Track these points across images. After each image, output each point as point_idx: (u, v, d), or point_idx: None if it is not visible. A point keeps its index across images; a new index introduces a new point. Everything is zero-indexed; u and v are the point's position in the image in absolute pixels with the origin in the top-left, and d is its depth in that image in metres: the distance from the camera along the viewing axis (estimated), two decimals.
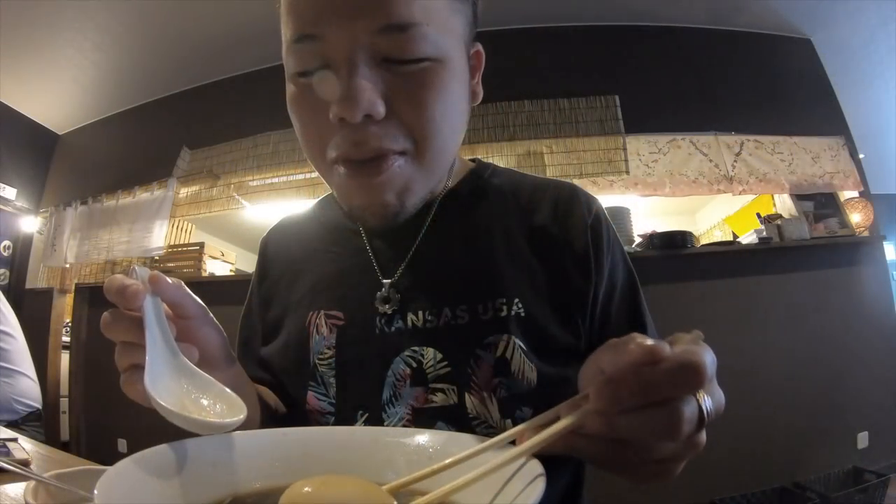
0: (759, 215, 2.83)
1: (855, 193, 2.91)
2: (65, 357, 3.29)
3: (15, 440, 0.86)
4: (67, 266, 3.45)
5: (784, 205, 2.94)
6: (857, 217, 2.80)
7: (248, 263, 3.49)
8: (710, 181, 2.82)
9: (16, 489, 0.65)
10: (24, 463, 0.73)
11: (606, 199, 2.61)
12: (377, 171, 0.46)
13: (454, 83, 0.48)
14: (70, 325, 3.32)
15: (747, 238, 2.71)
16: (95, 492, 0.24)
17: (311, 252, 0.64)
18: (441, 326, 0.54)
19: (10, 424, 1.54)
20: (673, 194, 2.81)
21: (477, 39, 0.54)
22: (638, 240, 2.62)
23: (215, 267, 3.00)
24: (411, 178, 0.48)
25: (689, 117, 2.94)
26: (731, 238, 2.99)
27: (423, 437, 0.38)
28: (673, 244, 2.48)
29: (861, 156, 3.01)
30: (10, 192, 3.61)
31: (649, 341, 0.27)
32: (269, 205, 3.07)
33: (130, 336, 0.37)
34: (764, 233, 2.61)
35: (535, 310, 0.53)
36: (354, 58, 0.43)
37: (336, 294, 0.59)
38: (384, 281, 0.57)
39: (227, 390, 0.37)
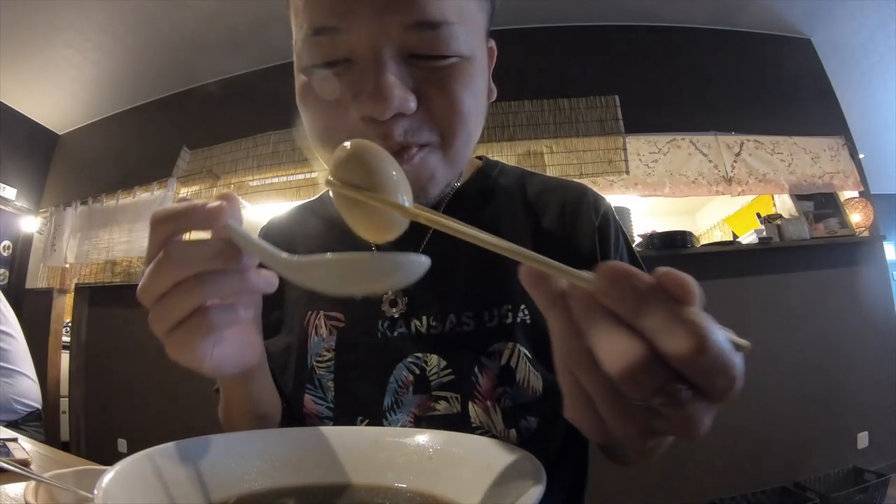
0: (758, 215, 2.83)
1: (855, 193, 2.91)
2: (65, 357, 3.29)
3: (15, 440, 0.86)
4: (67, 266, 3.45)
5: (784, 205, 2.94)
6: (856, 217, 2.79)
7: None
8: (709, 181, 2.82)
9: (16, 489, 0.65)
10: (24, 463, 0.73)
11: (607, 200, 2.61)
12: (400, 162, 0.42)
13: (479, 79, 0.47)
14: (70, 325, 3.32)
15: (747, 238, 2.71)
16: (95, 492, 0.24)
17: (311, 249, 0.62)
18: (446, 333, 0.52)
19: (10, 424, 1.54)
20: (673, 194, 2.81)
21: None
22: (638, 240, 2.62)
23: None
24: (436, 167, 0.46)
25: (689, 117, 2.94)
26: (731, 238, 2.99)
27: (423, 438, 0.38)
28: (673, 244, 2.48)
29: (861, 156, 3.02)
30: (10, 192, 3.61)
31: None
32: (269, 205, 3.07)
33: (214, 260, 0.30)
34: (764, 233, 2.61)
35: (540, 317, 0.52)
36: (382, 53, 0.41)
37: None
38: None
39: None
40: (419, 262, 0.27)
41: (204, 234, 0.32)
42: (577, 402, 0.25)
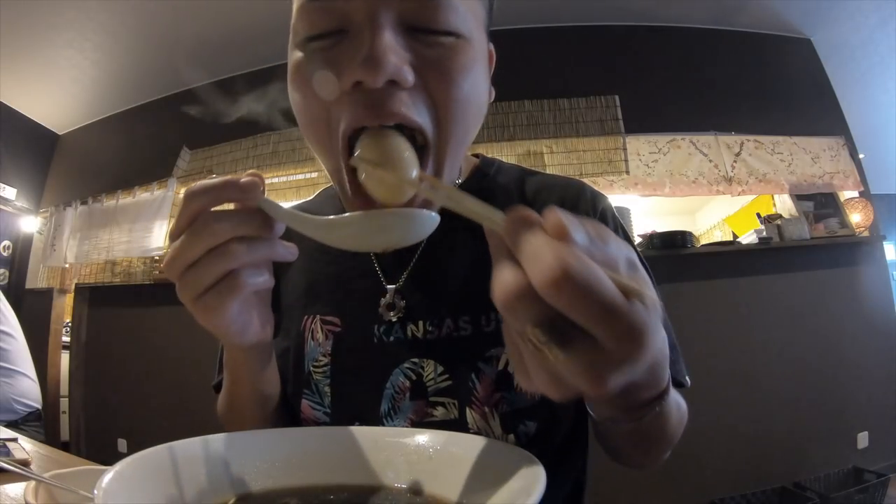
0: (759, 215, 2.84)
1: (855, 193, 2.91)
2: (65, 357, 3.29)
3: (15, 440, 0.86)
4: (67, 266, 3.45)
5: (784, 205, 2.94)
6: (857, 217, 2.80)
7: None
8: (709, 181, 2.82)
9: (16, 489, 0.65)
10: (24, 463, 0.73)
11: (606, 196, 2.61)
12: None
13: (480, 67, 0.45)
14: (70, 325, 3.32)
15: (747, 238, 2.71)
16: (95, 492, 0.24)
17: (306, 250, 0.59)
18: (442, 338, 0.52)
19: (10, 424, 1.53)
20: (673, 194, 2.81)
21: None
22: (638, 240, 2.62)
23: None
24: (434, 161, 0.43)
25: (689, 117, 2.94)
26: (731, 238, 2.99)
27: (423, 438, 0.38)
28: (673, 244, 2.48)
29: (861, 156, 3.02)
30: (10, 192, 3.61)
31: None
32: None
33: (246, 227, 0.33)
34: (764, 233, 2.61)
35: None
36: (379, 18, 0.38)
37: (333, 298, 0.56)
38: (388, 287, 0.54)
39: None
40: (430, 217, 0.33)
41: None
42: (508, 347, 0.26)
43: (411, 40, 0.40)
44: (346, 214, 0.34)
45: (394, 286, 0.54)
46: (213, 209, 0.34)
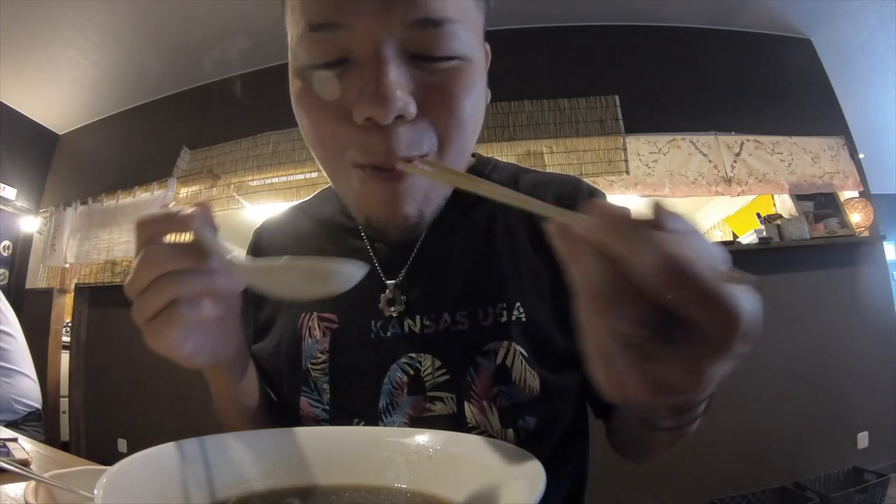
0: (759, 215, 2.84)
1: (855, 193, 2.91)
2: (65, 357, 3.29)
3: (15, 440, 0.86)
4: (67, 266, 3.45)
5: (784, 205, 2.94)
6: (856, 217, 2.80)
7: None
8: (709, 181, 2.82)
9: (16, 489, 0.65)
10: (24, 463, 0.73)
11: (602, 192, 2.61)
12: (401, 178, 0.43)
13: (479, 83, 0.46)
14: (70, 325, 3.32)
15: (747, 238, 2.71)
16: (95, 492, 0.24)
17: (305, 250, 0.61)
18: (440, 332, 0.52)
19: (10, 424, 1.54)
20: (673, 194, 2.81)
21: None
22: None
23: None
24: (432, 183, 0.45)
25: (689, 117, 2.94)
26: (731, 238, 2.99)
27: (423, 438, 0.38)
28: None
29: (861, 156, 3.02)
30: (10, 192, 3.61)
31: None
32: (269, 205, 3.07)
33: (184, 260, 0.34)
34: (764, 233, 2.61)
35: (536, 314, 0.52)
36: (384, 52, 0.39)
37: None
38: (388, 282, 0.55)
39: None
40: (355, 271, 0.31)
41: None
42: (595, 354, 0.25)
43: (414, 69, 0.41)
44: (273, 263, 0.33)
45: (393, 282, 0.54)
46: (161, 240, 0.35)
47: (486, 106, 0.52)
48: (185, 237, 0.35)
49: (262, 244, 0.67)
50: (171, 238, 0.35)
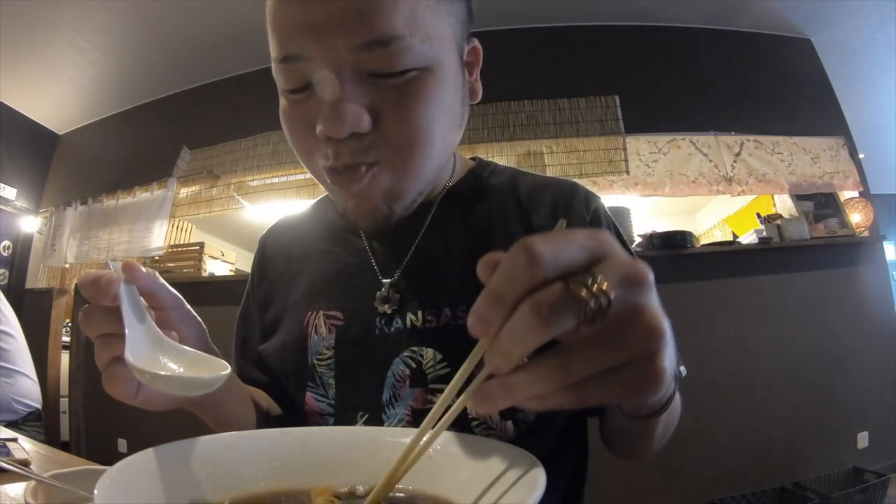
0: (759, 215, 2.83)
1: (855, 193, 2.91)
2: (65, 357, 3.29)
3: (15, 440, 0.86)
4: (67, 266, 3.45)
5: (784, 205, 2.94)
6: (857, 217, 2.80)
7: (247, 263, 3.44)
8: (709, 181, 2.82)
9: (16, 489, 0.65)
10: (24, 463, 0.73)
11: (606, 199, 2.58)
12: (354, 179, 0.47)
13: (444, 88, 0.47)
14: (70, 325, 3.32)
15: (747, 238, 2.71)
16: (95, 492, 0.24)
17: (310, 252, 0.64)
18: (441, 326, 0.53)
19: (10, 424, 1.54)
20: (673, 194, 2.81)
21: (474, 36, 0.54)
22: (638, 240, 2.63)
23: (215, 267, 3.00)
24: (393, 185, 0.48)
25: (689, 117, 2.94)
26: (731, 238, 2.99)
27: (422, 438, 0.38)
28: (673, 244, 2.48)
29: (861, 156, 3.02)
30: (10, 192, 3.61)
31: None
32: (269, 205, 3.07)
33: (110, 326, 0.35)
34: (764, 233, 2.61)
35: None
36: (338, 76, 0.43)
37: (335, 294, 0.58)
38: (384, 280, 0.57)
39: (212, 357, 0.37)
40: (215, 380, 0.33)
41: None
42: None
43: (370, 85, 0.44)
44: (156, 372, 0.33)
45: (388, 280, 0.56)
46: (95, 303, 0.36)
47: (466, 106, 0.53)
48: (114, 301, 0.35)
49: (266, 253, 0.70)
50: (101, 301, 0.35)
